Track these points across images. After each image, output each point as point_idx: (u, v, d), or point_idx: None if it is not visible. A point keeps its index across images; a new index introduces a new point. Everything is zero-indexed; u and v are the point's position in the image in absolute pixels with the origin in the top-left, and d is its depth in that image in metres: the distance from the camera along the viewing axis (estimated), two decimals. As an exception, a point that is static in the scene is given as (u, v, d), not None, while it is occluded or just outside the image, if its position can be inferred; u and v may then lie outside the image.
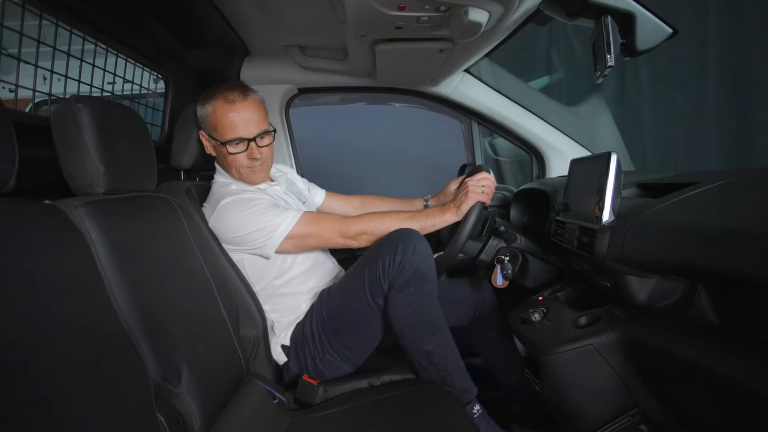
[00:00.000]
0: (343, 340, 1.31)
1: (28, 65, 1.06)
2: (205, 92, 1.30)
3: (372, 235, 1.29)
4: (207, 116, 1.28)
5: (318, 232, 1.28)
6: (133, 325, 0.86)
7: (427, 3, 1.05)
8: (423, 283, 1.19)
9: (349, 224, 1.29)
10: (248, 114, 1.27)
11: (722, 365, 0.79)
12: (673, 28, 1.11)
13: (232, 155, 1.28)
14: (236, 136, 1.26)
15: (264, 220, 1.24)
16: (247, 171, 1.32)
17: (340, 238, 1.29)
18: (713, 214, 0.86)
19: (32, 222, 0.73)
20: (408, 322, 1.21)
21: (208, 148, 1.35)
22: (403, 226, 1.27)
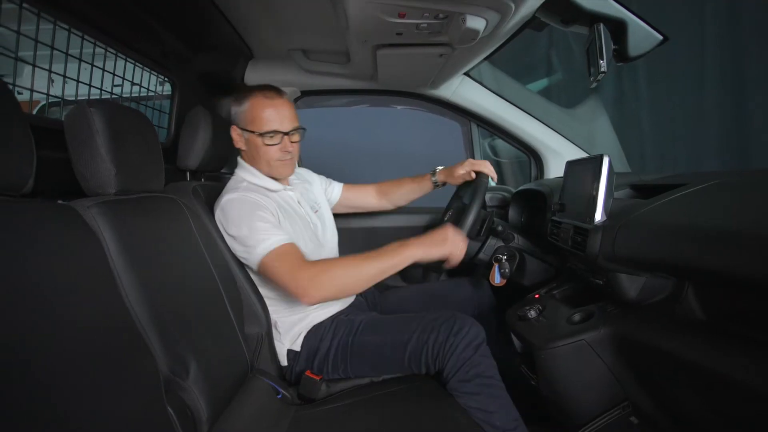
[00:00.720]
0: (359, 370, 1.31)
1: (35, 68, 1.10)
2: (237, 93, 1.38)
3: (325, 286, 1.17)
4: (244, 111, 1.34)
5: (279, 268, 1.19)
6: (144, 321, 0.90)
7: (427, 11, 1.09)
8: (481, 365, 1.17)
9: (302, 269, 1.17)
10: (285, 110, 1.34)
11: (708, 358, 0.83)
12: (663, 35, 1.14)
13: (266, 146, 1.33)
14: (273, 128, 1.32)
15: (255, 228, 1.22)
16: (278, 163, 1.37)
17: (291, 283, 1.17)
18: (700, 213, 0.89)
19: (50, 221, 0.77)
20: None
21: (238, 143, 1.38)
22: (362, 270, 1.19)
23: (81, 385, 0.69)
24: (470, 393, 1.14)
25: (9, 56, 1.00)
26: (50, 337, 0.67)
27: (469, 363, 1.16)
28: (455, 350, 1.17)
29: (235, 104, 1.36)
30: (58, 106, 1.26)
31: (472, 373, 1.15)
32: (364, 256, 1.20)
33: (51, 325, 0.68)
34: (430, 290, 1.67)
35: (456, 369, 1.16)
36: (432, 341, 1.20)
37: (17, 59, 1.02)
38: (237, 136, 1.38)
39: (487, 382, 1.15)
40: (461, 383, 1.15)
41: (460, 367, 1.16)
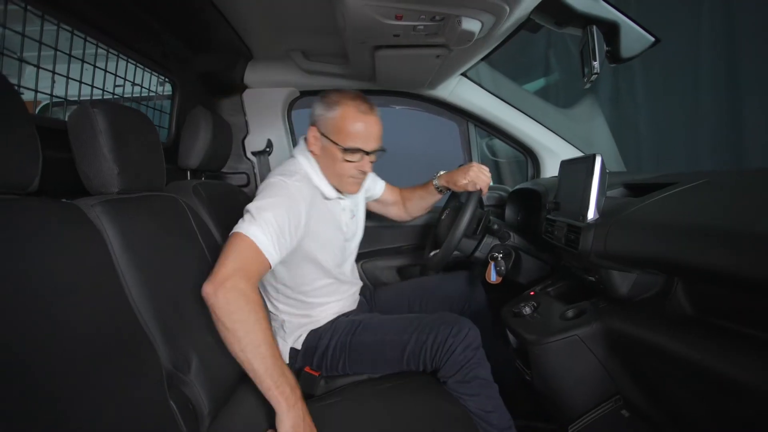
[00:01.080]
0: (357, 368, 1.32)
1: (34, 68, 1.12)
2: (327, 94, 1.30)
3: (229, 308, 0.97)
4: (332, 118, 1.25)
5: (237, 255, 1.03)
6: (146, 316, 0.93)
7: (423, 13, 1.11)
8: (478, 368, 1.20)
9: (246, 279, 1.01)
10: (374, 129, 1.28)
11: (696, 352, 0.85)
12: (655, 36, 1.17)
13: (345, 162, 1.27)
14: (357, 146, 1.25)
15: (265, 216, 1.09)
16: (350, 181, 1.32)
17: (225, 270, 1.00)
18: (689, 212, 0.92)
19: (55, 219, 0.79)
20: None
21: (313, 146, 1.31)
22: (259, 349, 0.97)
23: (86, 379, 0.71)
24: (470, 394, 1.17)
25: (13, 57, 1.02)
26: (56, 332, 0.69)
27: (468, 366, 1.18)
28: (453, 351, 1.18)
29: (322, 106, 1.28)
30: (61, 106, 1.28)
31: (471, 375, 1.17)
32: (271, 350, 0.99)
33: (56, 321, 0.70)
34: (424, 285, 1.67)
35: (454, 370, 1.18)
36: (431, 342, 1.21)
37: (21, 61, 1.04)
38: (314, 138, 1.30)
39: (484, 384, 1.19)
40: (460, 384, 1.18)
41: (458, 369, 1.18)
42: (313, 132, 1.30)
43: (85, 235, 0.84)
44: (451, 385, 1.19)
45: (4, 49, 1.00)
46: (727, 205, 0.87)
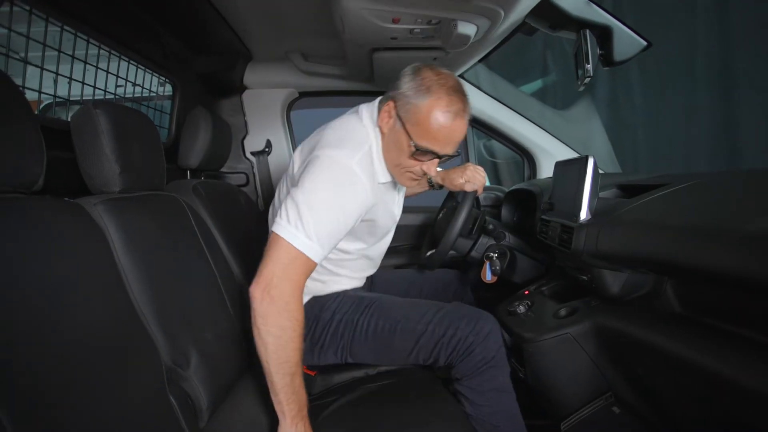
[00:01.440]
0: (358, 354, 1.23)
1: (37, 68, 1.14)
2: (421, 71, 1.08)
3: (270, 319, 0.95)
4: (416, 106, 1.05)
5: (282, 263, 0.97)
6: (147, 313, 0.94)
7: (419, 17, 1.14)
8: (496, 372, 1.12)
9: (289, 290, 0.97)
10: (457, 134, 1.10)
11: (685, 349, 0.87)
12: (647, 41, 1.19)
13: (410, 159, 1.12)
14: (432, 149, 1.08)
15: (318, 216, 0.99)
16: (408, 176, 1.17)
17: (270, 275, 0.96)
18: (677, 212, 0.94)
19: (59, 218, 0.81)
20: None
21: (385, 122, 1.12)
22: (286, 363, 0.96)
23: (88, 373, 0.73)
24: (479, 404, 1.12)
25: (19, 59, 1.04)
26: (59, 328, 0.71)
27: (485, 369, 1.11)
28: (472, 351, 1.11)
29: (412, 84, 1.07)
30: (63, 106, 1.30)
31: (487, 387, 1.11)
32: (296, 367, 0.97)
33: (60, 317, 0.72)
34: (412, 276, 1.65)
35: (469, 371, 1.12)
36: (449, 336, 1.12)
37: (26, 62, 1.06)
38: (387, 116, 1.11)
39: (501, 391, 1.13)
40: (472, 392, 1.12)
41: (474, 371, 1.11)
42: (389, 108, 1.11)
43: (87, 233, 0.86)
44: (461, 389, 1.13)
45: (9, 50, 1.01)
46: (715, 206, 0.89)
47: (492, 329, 1.14)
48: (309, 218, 0.97)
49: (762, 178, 0.97)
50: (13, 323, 0.63)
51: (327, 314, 1.24)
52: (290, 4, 1.35)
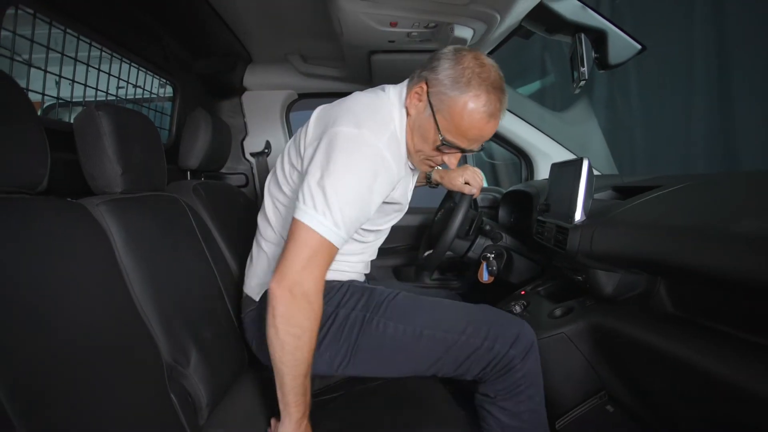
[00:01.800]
0: (360, 362, 1.07)
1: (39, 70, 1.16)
2: (463, 58, 0.97)
3: (288, 313, 0.88)
4: (452, 98, 0.96)
5: (308, 253, 0.89)
6: (148, 311, 0.96)
7: (416, 21, 1.15)
8: (534, 392, 1.02)
9: (312, 281, 0.89)
10: (487, 134, 1.02)
11: (677, 348, 0.89)
12: (641, 44, 1.21)
13: (435, 150, 1.04)
14: (458, 144, 1.01)
15: (348, 207, 0.91)
16: (427, 163, 1.09)
17: (291, 270, 0.88)
18: (669, 213, 0.96)
19: (63, 218, 0.82)
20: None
21: (414, 103, 1.02)
22: (298, 357, 0.90)
23: (91, 370, 0.75)
24: (512, 426, 1.02)
25: (23, 62, 1.06)
26: (63, 326, 0.72)
27: (525, 395, 1.01)
28: (512, 368, 1.00)
29: (451, 72, 0.96)
30: (65, 107, 1.32)
31: (524, 407, 1.02)
32: (307, 368, 0.92)
33: (64, 315, 0.73)
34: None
35: (505, 396, 1.02)
36: (486, 349, 1.00)
37: (30, 65, 1.07)
38: (417, 97, 1.01)
39: (536, 417, 1.04)
40: (505, 413, 1.02)
41: (511, 396, 1.01)
42: (421, 91, 1.00)
43: (90, 233, 0.88)
44: (495, 405, 1.02)
45: (14, 53, 1.03)
46: (706, 207, 0.91)
47: (533, 343, 1.03)
48: (335, 204, 0.89)
49: (753, 179, 0.99)
50: (18, 321, 0.65)
51: (329, 307, 1.07)
52: (289, 7, 1.36)
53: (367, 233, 1.16)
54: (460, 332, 1.01)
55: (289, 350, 0.89)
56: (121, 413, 0.79)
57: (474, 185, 1.41)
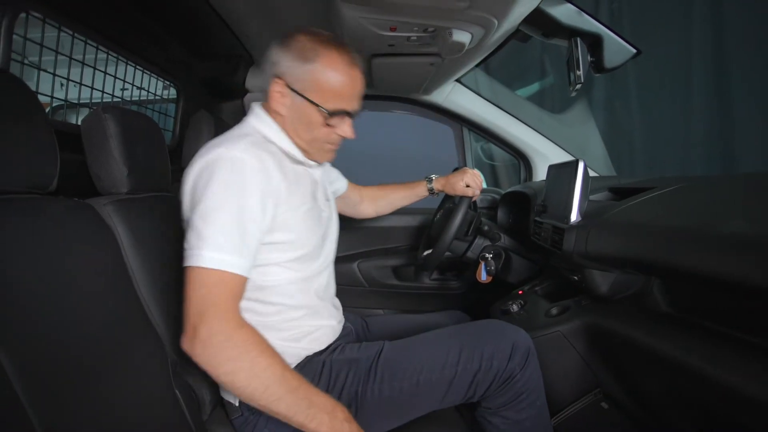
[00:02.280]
0: (374, 426, 1.00)
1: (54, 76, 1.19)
2: (294, 39, 0.97)
3: (218, 357, 0.81)
4: (309, 72, 0.95)
5: (205, 292, 0.82)
6: (153, 308, 0.99)
7: (416, 25, 1.18)
8: (535, 397, 1.02)
9: (224, 318, 0.81)
10: (360, 85, 1.01)
11: (672, 347, 0.91)
12: (636, 48, 1.23)
13: (325, 127, 1.00)
14: (343, 108, 0.99)
15: (229, 228, 0.85)
16: (326, 147, 1.06)
17: (195, 314, 0.81)
18: (662, 214, 0.98)
19: (72, 217, 0.85)
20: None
21: (281, 102, 0.99)
22: (271, 389, 0.81)
23: (100, 364, 0.77)
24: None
25: (33, 66, 1.09)
26: (73, 322, 0.75)
27: (526, 402, 1.01)
28: (512, 380, 0.99)
29: (292, 55, 0.96)
30: (72, 108, 1.35)
31: (525, 414, 1.01)
32: (293, 383, 0.83)
33: (73, 310, 0.76)
34: (417, 321, 1.37)
35: (506, 406, 1.00)
36: (485, 370, 0.98)
37: (39, 69, 1.10)
38: (279, 96, 0.99)
39: (539, 421, 1.04)
40: (506, 422, 1.01)
41: (512, 405, 1.00)
42: (279, 87, 0.98)
43: (98, 232, 0.90)
44: (497, 415, 1.01)
45: (24, 57, 1.06)
46: (696, 209, 0.93)
47: (530, 348, 1.02)
48: (207, 230, 0.83)
49: (744, 182, 1.01)
50: (31, 316, 0.68)
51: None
52: (291, 10, 1.39)
53: (299, 264, 1.03)
54: (455, 364, 0.98)
55: (243, 385, 0.81)
56: (129, 405, 0.82)
57: (474, 187, 1.43)
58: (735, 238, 0.72)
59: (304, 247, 1.01)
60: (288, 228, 0.97)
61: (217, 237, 0.83)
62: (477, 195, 1.46)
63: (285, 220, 0.96)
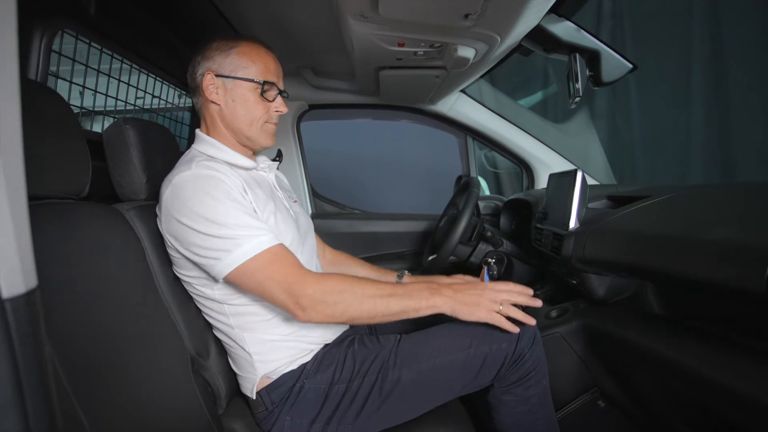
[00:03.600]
0: (383, 417, 1.05)
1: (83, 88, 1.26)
2: (213, 42, 1.08)
3: (330, 307, 0.93)
4: (235, 55, 1.05)
5: (271, 275, 0.93)
6: (173, 307, 1.04)
7: (423, 41, 1.24)
8: (541, 376, 1.06)
9: (305, 282, 0.93)
10: (279, 68, 1.13)
11: (665, 348, 0.96)
12: (633, 63, 1.29)
13: (261, 101, 1.07)
14: (272, 79, 1.08)
15: (235, 220, 0.93)
16: (267, 128, 1.11)
17: (283, 295, 0.92)
18: (653, 222, 1.04)
19: (103, 221, 0.91)
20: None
21: (215, 92, 1.06)
22: (378, 304, 0.95)
23: (129, 354, 0.84)
24: (518, 411, 1.06)
25: (64, 79, 1.16)
26: (108, 318, 0.82)
27: (533, 380, 1.05)
28: (521, 361, 1.04)
29: (216, 53, 1.06)
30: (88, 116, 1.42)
31: (532, 392, 1.06)
32: (389, 289, 0.97)
33: (107, 306, 0.82)
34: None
35: (515, 384, 1.05)
36: (495, 351, 1.03)
37: (71, 83, 1.17)
38: (212, 86, 1.06)
39: (544, 399, 1.08)
40: (516, 399, 1.06)
41: (521, 383, 1.05)
42: (209, 79, 1.05)
43: (124, 234, 0.97)
44: (508, 393, 1.05)
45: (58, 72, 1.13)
46: (685, 217, 0.98)
47: (536, 333, 1.07)
48: (223, 231, 0.92)
49: (732, 191, 1.07)
50: (72, 310, 0.74)
51: (342, 384, 1.04)
52: (305, 26, 1.45)
53: None
54: (468, 346, 1.03)
55: (356, 313, 0.94)
56: (153, 396, 0.88)
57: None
58: (717, 244, 0.78)
59: (284, 242, 1.04)
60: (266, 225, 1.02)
61: (238, 231, 0.92)
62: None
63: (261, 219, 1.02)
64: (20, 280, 0.46)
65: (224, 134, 1.10)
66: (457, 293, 0.99)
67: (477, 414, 1.16)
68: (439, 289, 0.99)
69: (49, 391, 0.47)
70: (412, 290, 0.98)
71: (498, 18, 1.10)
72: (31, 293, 0.47)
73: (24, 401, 0.45)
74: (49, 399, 0.47)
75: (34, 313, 0.47)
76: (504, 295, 1.03)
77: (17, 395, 0.44)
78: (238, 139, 1.11)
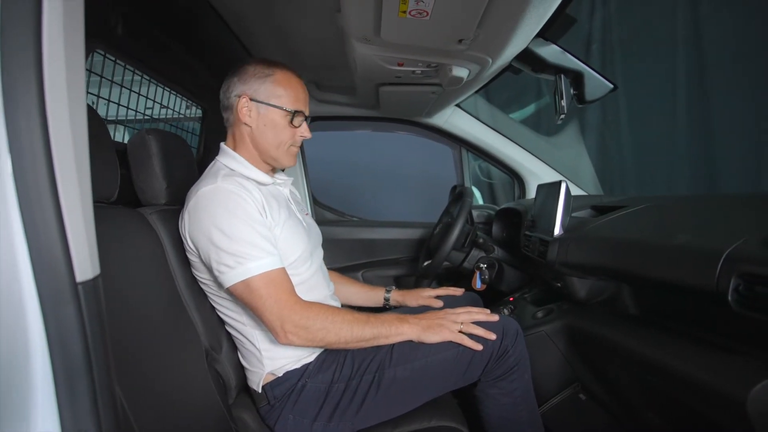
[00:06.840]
0: (381, 411, 1.15)
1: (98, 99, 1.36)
2: (249, 66, 1.17)
3: (311, 334, 1.04)
4: (270, 83, 1.15)
5: (265, 296, 1.02)
6: (190, 304, 1.13)
7: (420, 61, 1.35)
8: (523, 371, 1.16)
9: (294, 310, 1.03)
10: (307, 94, 1.23)
11: (639, 345, 1.04)
12: (613, 84, 1.40)
13: (289, 128, 1.18)
14: (301, 108, 1.18)
15: (247, 239, 1.03)
16: (291, 150, 1.22)
17: (272, 317, 1.02)
18: (628, 229, 1.14)
19: (130, 223, 1.01)
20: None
21: (248, 115, 1.15)
22: (354, 330, 1.07)
23: (155, 344, 0.93)
24: (503, 404, 1.15)
25: (92, 94, 1.26)
26: (138, 313, 0.91)
27: (517, 374, 1.14)
28: (505, 356, 1.13)
29: (253, 79, 1.15)
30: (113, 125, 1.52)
31: (515, 385, 1.15)
32: (363, 318, 1.09)
33: (138, 304, 0.92)
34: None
35: (500, 377, 1.14)
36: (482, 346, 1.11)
37: (98, 96, 1.27)
38: (246, 109, 1.15)
39: (526, 394, 1.17)
40: (500, 392, 1.15)
41: (505, 377, 1.14)
42: (244, 102, 1.15)
43: (148, 236, 1.06)
44: (493, 386, 1.15)
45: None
46: (656, 224, 1.09)
47: (518, 330, 1.16)
48: (234, 247, 1.01)
49: (698, 202, 1.18)
50: (112, 303, 0.83)
51: (341, 383, 1.13)
52: (311, 45, 1.56)
53: (293, 270, 1.16)
54: (457, 345, 1.11)
55: (334, 340, 1.06)
56: (174, 384, 0.97)
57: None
58: (678, 249, 0.88)
59: (294, 253, 1.17)
60: (278, 238, 1.13)
61: (246, 249, 1.02)
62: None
63: (276, 234, 1.13)
64: (89, 268, 0.56)
65: (251, 152, 1.20)
66: (421, 320, 1.13)
67: (467, 406, 1.25)
68: (406, 318, 1.12)
69: (109, 362, 0.57)
70: (384, 321, 1.10)
71: (489, 42, 1.21)
72: (96, 279, 0.57)
73: (92, 369, 0.54)
74: (109, 369, 0.57)
75: (98, 296, 0.57)
76: (463, 317, 1.15)
77: (86, 363, 0.54)
78: (263, 158, 1.21)
